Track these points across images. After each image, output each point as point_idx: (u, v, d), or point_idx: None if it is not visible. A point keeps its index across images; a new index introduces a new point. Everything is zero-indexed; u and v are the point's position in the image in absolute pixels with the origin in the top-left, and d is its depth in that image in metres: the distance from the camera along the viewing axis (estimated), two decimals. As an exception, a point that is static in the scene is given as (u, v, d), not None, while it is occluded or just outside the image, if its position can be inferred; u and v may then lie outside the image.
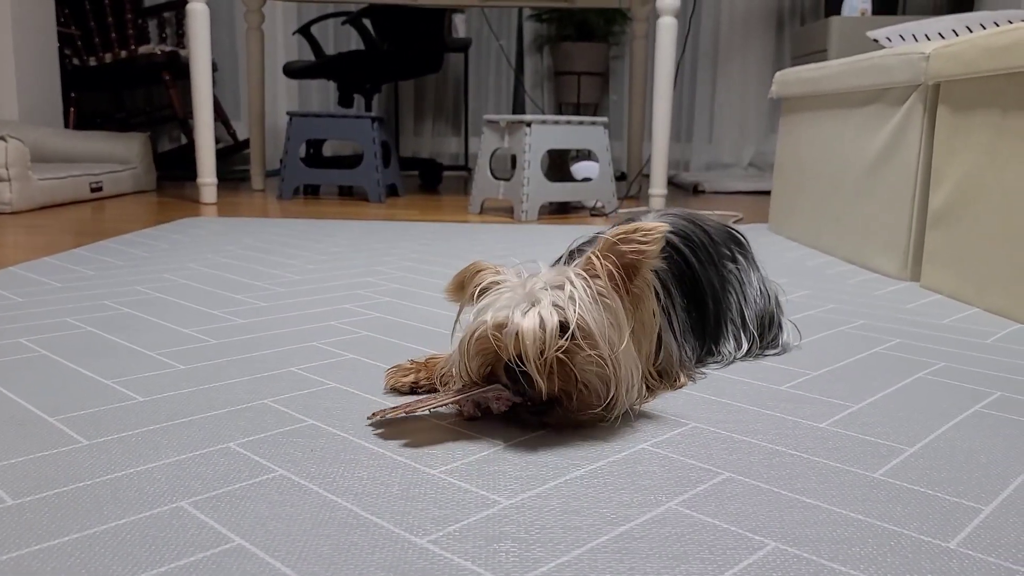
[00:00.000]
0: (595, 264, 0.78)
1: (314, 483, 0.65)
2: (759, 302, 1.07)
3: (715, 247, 1.06)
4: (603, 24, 4.15)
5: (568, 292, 0.75)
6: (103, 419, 0.78)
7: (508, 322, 0.74)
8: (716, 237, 1.07)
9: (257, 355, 1.01)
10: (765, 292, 1.09)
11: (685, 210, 1.11)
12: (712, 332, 1.01)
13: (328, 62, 3.45)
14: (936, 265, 1.50)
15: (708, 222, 1.09)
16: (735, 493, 0.65)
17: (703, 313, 1.00)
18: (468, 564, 0.54)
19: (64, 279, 1.46)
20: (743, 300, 1.05)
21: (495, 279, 0.80)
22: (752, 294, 1.07)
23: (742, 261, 1.08)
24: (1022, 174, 1.26)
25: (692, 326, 0.98)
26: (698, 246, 1.03)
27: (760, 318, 1.07)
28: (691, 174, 4.17)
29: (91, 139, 3.23)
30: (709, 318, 1.01)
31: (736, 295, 1.05)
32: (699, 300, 1.00)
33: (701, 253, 1.02)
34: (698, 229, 1.05)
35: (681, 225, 1.04)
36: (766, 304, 1.08)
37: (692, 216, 1.09)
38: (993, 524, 0.61)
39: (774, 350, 1.07)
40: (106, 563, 0.53)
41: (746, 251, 1.11)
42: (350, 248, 1.91)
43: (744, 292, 1.06)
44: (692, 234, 1.03)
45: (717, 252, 1.05)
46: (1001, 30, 1.31)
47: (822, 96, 1.98)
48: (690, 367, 0.95)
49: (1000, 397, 0.91)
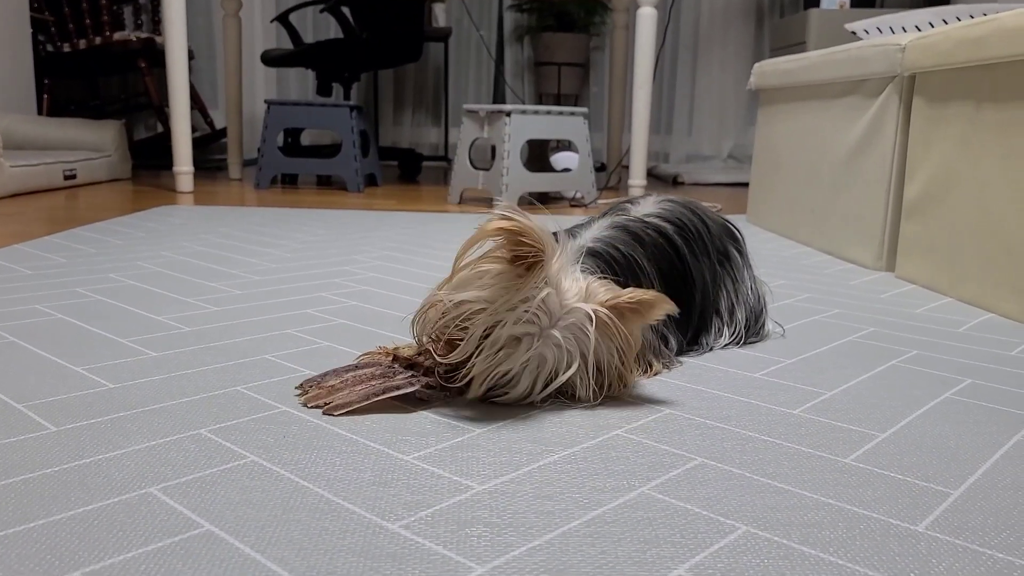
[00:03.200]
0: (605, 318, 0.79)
1: (286, 469, 0.65)
2: (750, 300, 1.07)
3: (711, 240, 1.05)
4: (584, 15, 4.15)
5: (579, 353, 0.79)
6: (72, 406, 0.77)
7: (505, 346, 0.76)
8: (714, 230, 1.07)
9: (231, 342, 1.00)
10: (756, 291, 1.09)
11: (686, 198, 1.10)
12: (696, 325, 1.02)
13: (307, 50, 3.42)
14: (911, 256, 1.51)
15: (709, 213, 1.09)
16: (708, 478, 0.66)
17: (689, 307, 1.00)
18: (439, 549, 0.54)
19: (35, 267, 1.44)
20: (735, 298, 1.05)
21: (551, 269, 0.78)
22: (744, 292, 1.07)
23: (736, 258, 1.08)
24: (995, 165, 1.28)
25: (676, 320, 0.98)
26: (693, 237, 1.02)
27: (748, 315, 1.07)
28: (671, 166, 4.18)
29: (65, 126, 3.19)
30: (695, 311, 1.01)
31: (727, 292, 1.05)
32: (687, 293, 0.99)
33: (696, 245, 1.02)
34: (696, 219, 1.05)
35: (679, 213, 1.03)
36: (755, 303, 1.08)
37: (692, 205, 1.08)
38: (961, 508, 0.62)
39: (754, 339, 1.07)
40: (72, 549, 0.52)
41: (741, 247, 1.11)
42: (327, 237, 1.89)
43: (736, 290, 1.06)
44: (689, 224, 1.03)
45: (713, 246, 1.05)
46: (976, 22, 1.32)
47: (799, 88, 1.99)
48: (670, 358, 0.95)
49: (970, 384, 0.92)
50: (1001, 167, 1.26)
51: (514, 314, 0.76)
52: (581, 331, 0.79)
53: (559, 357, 0.79)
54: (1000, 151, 1.26)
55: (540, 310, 0.77)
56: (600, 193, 2.88)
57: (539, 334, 0.77)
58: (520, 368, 0.78)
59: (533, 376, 0.79)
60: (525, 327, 0.77)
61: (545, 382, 0.79)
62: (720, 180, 3.72)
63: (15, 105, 3.26)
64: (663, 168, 4.05)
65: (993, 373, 0.96)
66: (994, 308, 1.27)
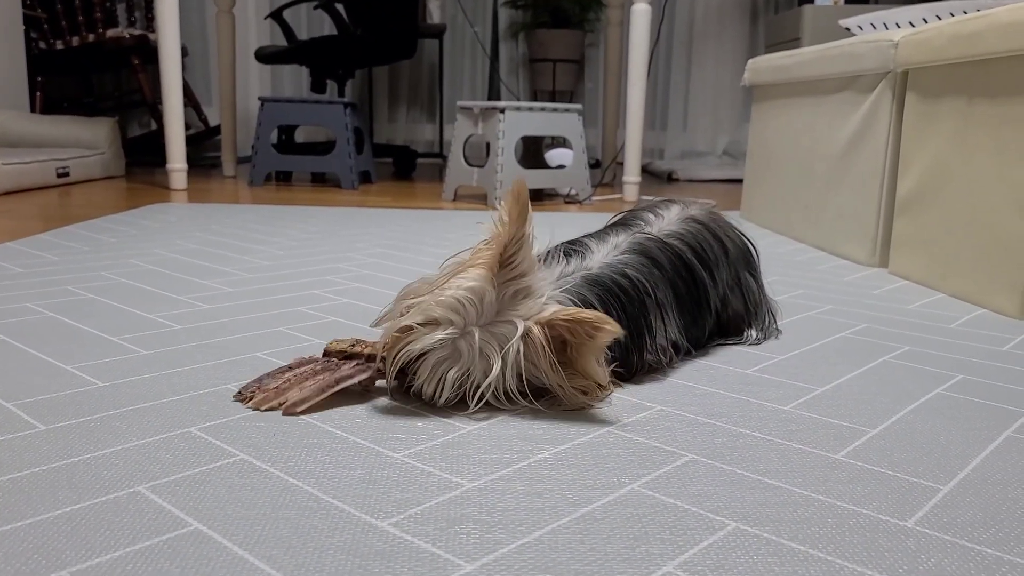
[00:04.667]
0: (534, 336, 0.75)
1: (275, 467, 0.65)
2: (761, 319, 1.08)
3: (728, 266, 1.03)
4: (578, 11, 4.14)
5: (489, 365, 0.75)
6: (61, 404, 0.77)
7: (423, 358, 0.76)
8: (732, 253, 1.05)
9: (222, 340, 1.00)
10: (766, 313, 1.09)
11: (711, 213, 1.07)
12: (705, 343, 1.02)
13: (301, 47, 3.41)
14: (904, 251, 1.51)
15: (730, 233, 1.06)
16: (698, 475, 0.65)
17: (702, 328, 0.99)
18: (428, 546, 0.54)
19: (27, 264, 1.43)
20: (748, 324, 1.05)
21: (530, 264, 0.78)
22: (756, 313, 1.07)
23: (751, 283, 1.07)
24: (987, 161, 1.28)
25: (691, 345, 0.96)
26: (711, 260, 1.00)
27: (758, 331, 1.07)
28: (665, 162, 4.18)
29: (58, 124, 3.18)
30: (706, 333, 1.00)
31: (740, 317, 1.04)
32: (700, 316, 0.98)
33: (712, 268, 1.00)
34: (716, 242, 1.02)
35: (701, 239, 1.01)
36: (765, 321, 1.08)
37: (715, 222, 1.05)
38: (950, 503, 0.62)
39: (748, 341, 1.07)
40: (59, 548, 0.52)
41: (756, 270, 1.10)
42: (321, 234, 1.89)
43: (748, 316, 1.05)
44: (707, 247, 1.00)
45: (732, 271, 1.03)
46: (968, 17, 1.32)
47: (793, 84, 1.99)
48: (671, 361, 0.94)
49: (961, 380, 0.92)
50: (993, 162, 1.26)
51: (442, 295, 0.74)
52: (506, 341, 0.75)
53: (472, 358, 0.75)
54: (992, 146, 1.26)
55: (471, 303, 0.75)
56: (595, 190, 2.87)
57: (461, 326, 0.75)
58: (429, 350, 0.75)
59: (440, 368, 0.75)
60: (447, 312, 0.74)
61: (454, 382, 0.76)
62: (715, 176, 3.73)
63: (8, 102, 3.24)
64: (658, 164, 4.05)
65: (985, 369, 0.96)
66: (987, 303, 1.27)
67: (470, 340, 0.75)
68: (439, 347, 0.75)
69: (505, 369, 0.76)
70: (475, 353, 0.75)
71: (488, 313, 0.76)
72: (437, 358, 0.76)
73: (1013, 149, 1.22)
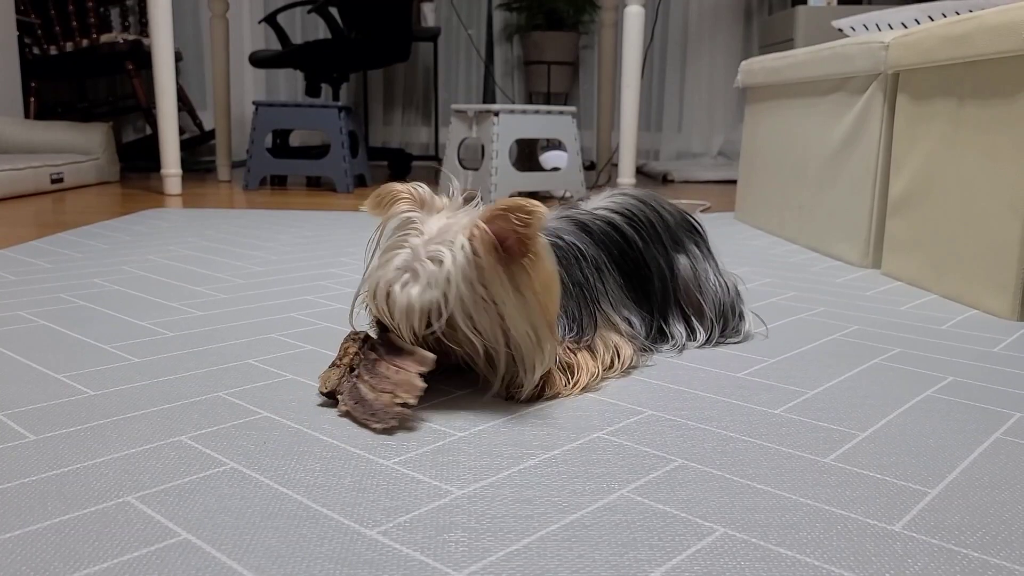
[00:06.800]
0: (476, 236, 0.78)
1: (265, 476, 0.65)
2: (718, 292, 1.08)
3: (666, 230, 1.06)
4: (572, 13, 4.15)
5: (446, 271, 0.77)
6: (52, 414, 0.77)
7: (390, 294, 0.79)
8: (670, 221, 1.08)
9: (214, 347, 1.00)
10: (723, 283, 1.09)
11: (649, 191, 1.11)
12: (660, 308, 1.03)
13: (295, 51, 3.41)
14: (896, 252, 1.52)
15: (666, 205, 1.10)
16: (687, 480, 0.66)
17: (648, 290, 1.02)
18: (416, 555, 0.54)
19: (19, 272, 1.43)
20: (698, 288, 1.06)
21: (408, 215, 0.83)
22: (708, 283, 1.07)
23: (695, 250, 1.09)
24: (978, 162, 1.28)
25: (635, 300, 0.99)
26: (643, 225, 1.04)
27: (719, 307, 1.07)
28: (660, 163, 4.18)
29: (52, 129, 3.17)
30: (655, 295, 1.02)
31: (689, 281, 1.05)
32: (643, 277, 1.01)
33: (645, 232, 1.03)
34: (649, 210, 1.07)
35: (630, 204, 1.05)
36: (725, 294, 1.08)
37: (651, 198, 1.09)
38: (938, 507, 0.62)
39: (735, 338, 1.08)
40: (47, 560, 0.52)
41: (702, 240, 1.11)
42: (315, 239, 1.89)
43: (699, 280, 1.06)
44: (639, 213, 1.05)
45: (669, 235, 1.06)
46: (959, 19, 1.32)
47: (786, 85, 1.99)
48: (639, 340, 0.96)
49: (952, 382, 0.92)
50: (984, 163, 1.26)
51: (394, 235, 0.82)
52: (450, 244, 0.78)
53: (426, 270, 0.78)
54: (983, 148, 1.27)
55: (415, 229, 0.81)
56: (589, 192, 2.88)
57: (413, 247, 0.80)
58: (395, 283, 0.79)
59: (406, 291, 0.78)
60: (398, 241, 0.81)
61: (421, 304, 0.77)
62: (710, 177, 3.73)
63: (1, 108, 3.24)
64: (653, 166, 4.05)
65: (975, 370, 0.97)
66: (978, 304, 1.27)
67: (418, 253, 0.79)
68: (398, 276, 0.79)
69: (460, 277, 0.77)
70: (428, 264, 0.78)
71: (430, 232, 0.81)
72: (401, 282, 0.79)
73: (1003, 150, 1.22)
